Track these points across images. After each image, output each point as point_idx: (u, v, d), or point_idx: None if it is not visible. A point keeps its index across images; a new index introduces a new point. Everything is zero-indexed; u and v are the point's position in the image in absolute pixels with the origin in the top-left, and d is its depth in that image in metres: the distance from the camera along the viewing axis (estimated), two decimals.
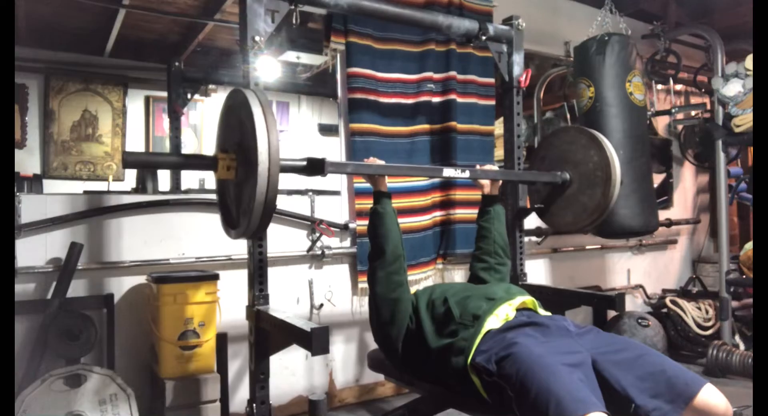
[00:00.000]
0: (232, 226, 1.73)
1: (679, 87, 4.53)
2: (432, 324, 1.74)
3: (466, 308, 1.68)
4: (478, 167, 2.19)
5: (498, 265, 2.11)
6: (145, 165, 2.23)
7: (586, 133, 2.26)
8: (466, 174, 2.06)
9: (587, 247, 3.92)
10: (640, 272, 4.27)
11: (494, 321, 1.64)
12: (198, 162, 1.77)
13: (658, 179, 4.37)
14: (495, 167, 2.23)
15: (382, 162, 1.96)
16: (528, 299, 1.78)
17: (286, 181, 1.78)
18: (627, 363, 1.47)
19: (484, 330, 1.60)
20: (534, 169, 2.46)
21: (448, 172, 2.03)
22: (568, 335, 1.59)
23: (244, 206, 1.57)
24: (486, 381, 1.49)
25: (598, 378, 1.45)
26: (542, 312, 1.79)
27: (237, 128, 1.59)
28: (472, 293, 1.76)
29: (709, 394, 1.39)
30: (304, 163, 1.73)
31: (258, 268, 1.89)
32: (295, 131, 5.72)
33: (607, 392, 1.42)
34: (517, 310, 1.71)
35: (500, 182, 2.25)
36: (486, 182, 2.20)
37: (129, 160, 1.63)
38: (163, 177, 4.05)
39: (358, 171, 1.86)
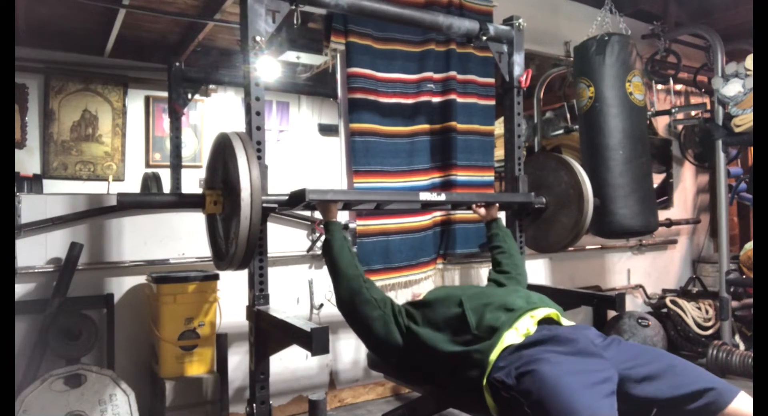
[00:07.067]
0: (221, 258, 1.82)
1: (679, 87, 4.53)
2: (444, 329, 1.66)
3: (482, 318, 1.59)
4: (454, 195, 2.36)
5: (518, 276, 2.20)
6: (140, 206, 2.27)
7: (553, 157, 2.50)
8: (442, 198, 2.17)
9: (587, 247, 3.92)
10: (640, 272, 4.27)
11: (513, 335, 1.54)
12: (189, 201, 1.88)
13: (658, 179, 4.37)
14: (473, 192, 2.35)
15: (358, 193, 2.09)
16: (553, 312, 1.67)
17: (287, 182, 1.82)
18: (656, 376, 1.42)
19: (502, 346, 1.52)
20: None
21: (425, 196, 2.13)
22: (594, 349, 1.49)
23: (231, 238, 1.66)
24: (502, 397, 1.43)
25: (626, 395, 1.40)
26: (565, 322, 1.68)
27: (222, 166, 1.72)
28: (491, 301, 1.67)
29: (743, 404, 1.35)
30: (286, 197, 1.84)
31: (258, 268, 1.90)
32: (295, 131, 5.72)
33: (635, 407, 1.38)
34: (539, 323, 1.61)
35: (497, 204, 2.39)
36: (482, 211, 2.37)
37: (124, 201, 1.75)
38: (165, 178, 4.05)
39: (338, 198, 1.95)
